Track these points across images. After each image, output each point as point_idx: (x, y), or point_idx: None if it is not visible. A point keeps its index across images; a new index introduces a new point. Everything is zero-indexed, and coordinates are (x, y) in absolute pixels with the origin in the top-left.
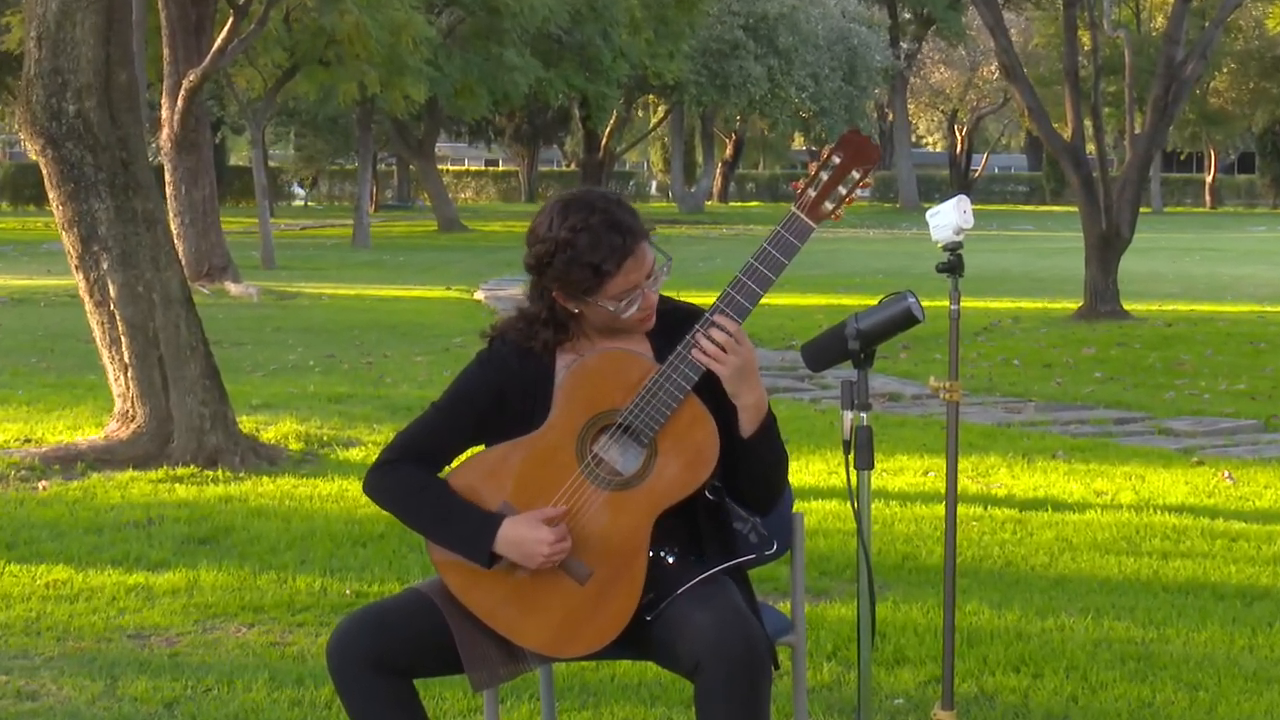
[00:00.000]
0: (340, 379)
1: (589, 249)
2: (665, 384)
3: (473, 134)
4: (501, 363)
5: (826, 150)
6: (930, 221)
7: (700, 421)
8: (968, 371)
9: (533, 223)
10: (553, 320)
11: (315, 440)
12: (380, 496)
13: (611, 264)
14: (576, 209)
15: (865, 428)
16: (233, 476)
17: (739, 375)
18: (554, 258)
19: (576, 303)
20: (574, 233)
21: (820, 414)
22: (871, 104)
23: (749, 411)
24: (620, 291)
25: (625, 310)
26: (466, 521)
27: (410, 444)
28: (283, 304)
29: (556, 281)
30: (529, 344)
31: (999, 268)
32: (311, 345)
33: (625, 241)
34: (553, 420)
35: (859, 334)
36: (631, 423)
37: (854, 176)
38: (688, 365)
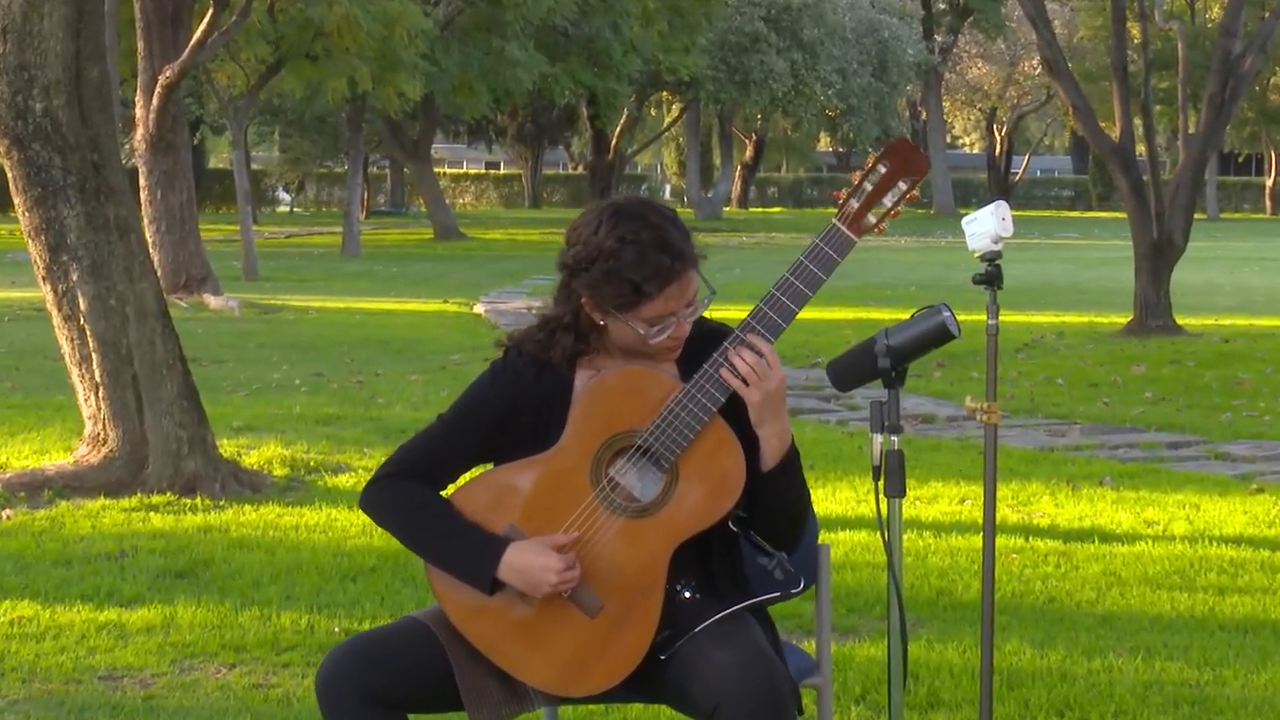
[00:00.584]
0: (328, 399)
1: (633, 265)
2: (689, 405)
3: (472, 134)
4: (516, 376)
5: (872, 158)
6: (966, 229)
7: (726, 447)
8: (1007, 391)
9: (577, 221)
10: (575, 327)
11: (301, 466)
12: (377, 513)
13: (653, 286)
14: (629, 218)
15: (896, 452)
16: (212, 505)
17: (766, 401)
18: (593, 264)
19: (605, 315)
20: (621, 243)
21: (848, 437)
22: (903, 101)
23: (771, 442)
24: (655, 316)
25: (655, 336)
26: (469, 543)
27: (412, 458)
28: (266, 318)
29: (589, 289)
30: (546, 355)
31: (1041, 279)
32: (297, 363)
33: (673, 265)
34: (567, 440)
35: (890, 351)
36: (651, 445)
37: (901, 188)
38: (714, 385)
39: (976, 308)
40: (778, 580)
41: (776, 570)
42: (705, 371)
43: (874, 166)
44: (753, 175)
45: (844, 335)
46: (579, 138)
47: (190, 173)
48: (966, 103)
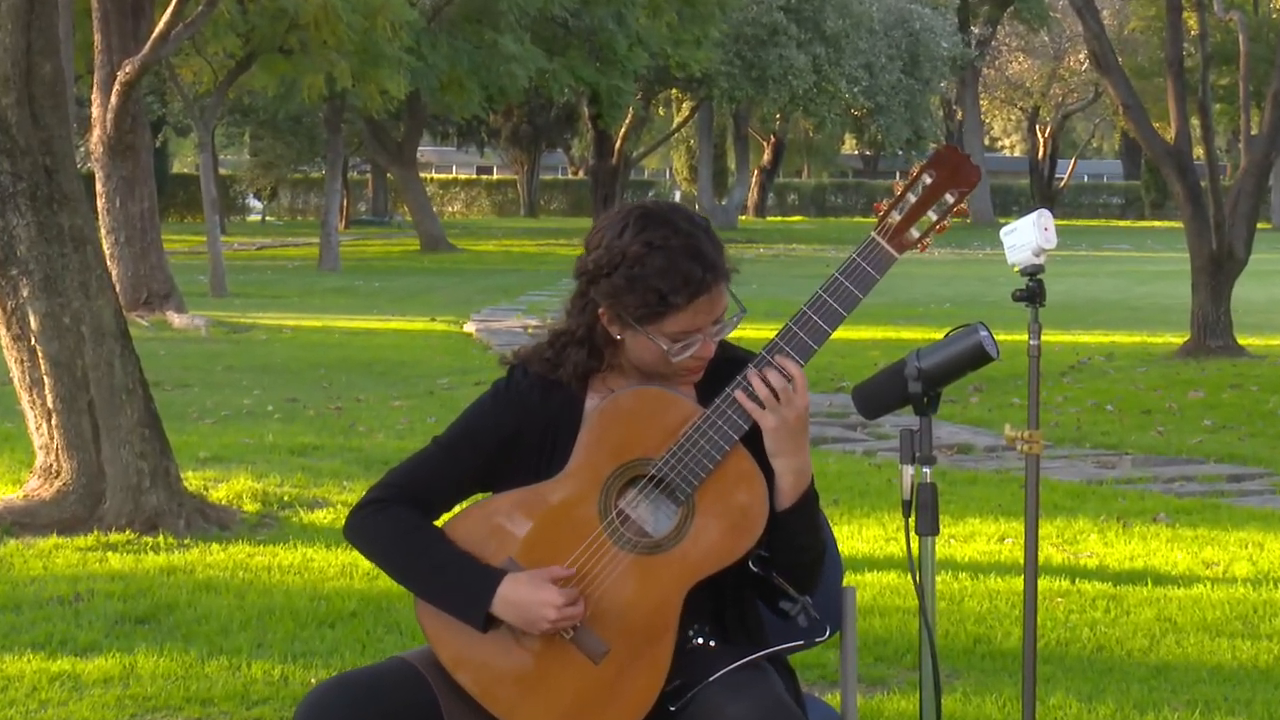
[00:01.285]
0: (304, 427)
1: (660, 273)
2: (709, 432)
3: (462, 136)
4: (520, 396)
5: (917, 167)
6: (1005, 241)
7: (748, 479)
8: (1051, 419)
9: (598, 224)
10: (589, 341)
11: (274, 500)
12: (362, 541)
13: (682, 296)
14: (657, 224)
15: (929, 485)
16: (176, 543)
17: (783, 430)
18: (615, 270)
19: (624, 328)
20: (648, 248)
21: (876, 469)
22: (937, 100)
23: (786, 478)
24: (680, 331)
25: (678, 354)
26: (461, 575)
27: (404, 482)
28: (235, 338)
29: (609, 299)
30: (554, 373)
31: (1088, 295)
32: (270, 387)
33: (705, 277)
34: (574, 467)
35: (921, 374)
36: (666, 475)
37: (947, 200)
38: (737, 411)
39: (1017, 327)
40: (801, 627)
41: (800, 616)
42: (728, 395)
43: (919, 176)
44: (771, 181)
45: (871, 357)
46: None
47: (152, 178)
48: (1006, 101)
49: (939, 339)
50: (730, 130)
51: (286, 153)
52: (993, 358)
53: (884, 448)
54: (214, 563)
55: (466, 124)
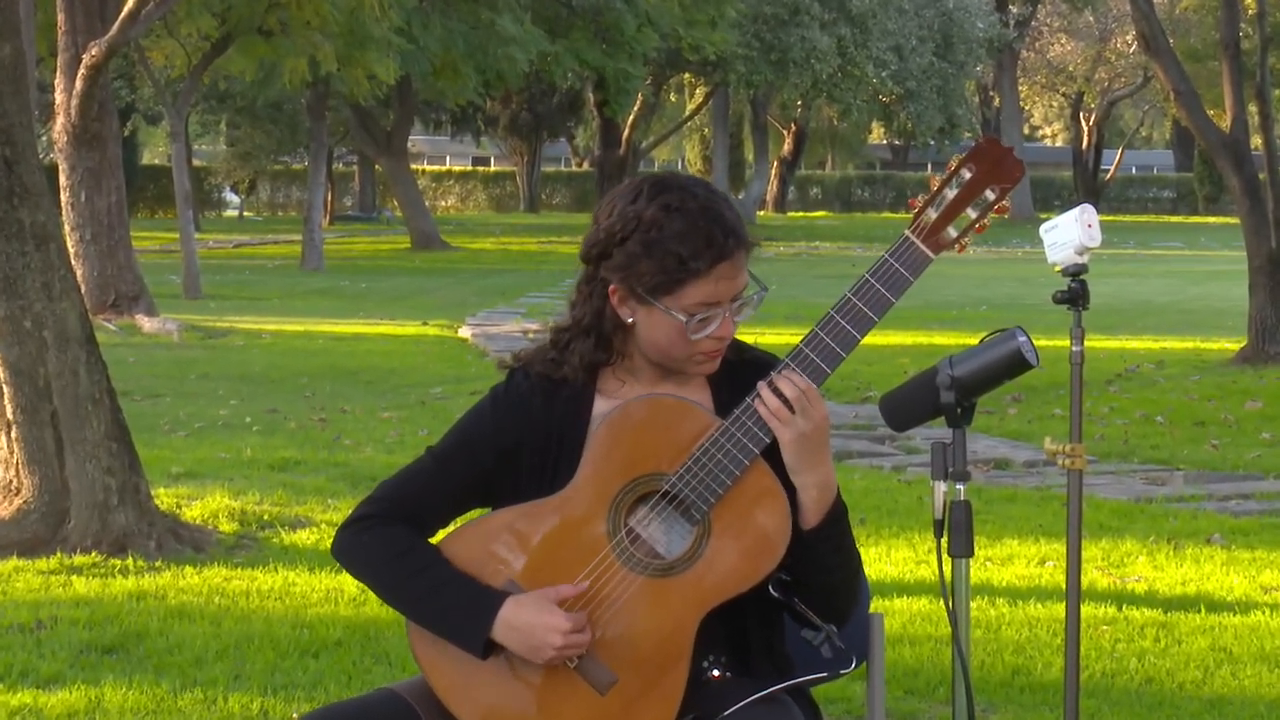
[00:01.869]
0: (285, 441)
1: (679, 236)
2: (727, 445)
3: (456, 125)
4: (521, 402)
5: (955, 160)
6: (1045, 238)
7: (769, 497)
8: (1096, 431)
9: (607, 198)
10: (596, 329)
11: (253, 520)
12: (351, 560)
13: (704, 261)
14: (674, 189)
15: (963, 504)
16: (147, 566)
17: (801, 443)
18: (630, 237)
19: (638, 305)
20: (666, 211)
21: (905, 486)
22: (972, 85)
23: (810, 493)
24: (699, 303)
25: (697, 330)
26: (459, 597)
27: (396, 497)
28: (211, 344)
29: (622, 271)
30: (559, 373)
31: (1137, 297)
32: (248, 397)
33: (727, 240)
34: (580, 481)
35: (955, 383)
36: (680, 492)
37: (987, 197)
38: (757, 423)
39: (1059, 332)
40: (824, 658)
41: (824, 646)
42: (748, 406)
43: (957, 170)
44: (791, 173)
45: (900, 364)
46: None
47: (120, 170)
48: (1048, 86)
49: (974, 345)
50: (748, 118)
51: (266, 143)
52: (1032, 365)
53: (914, 463)
54: (187, 587)
55: (461, 111)
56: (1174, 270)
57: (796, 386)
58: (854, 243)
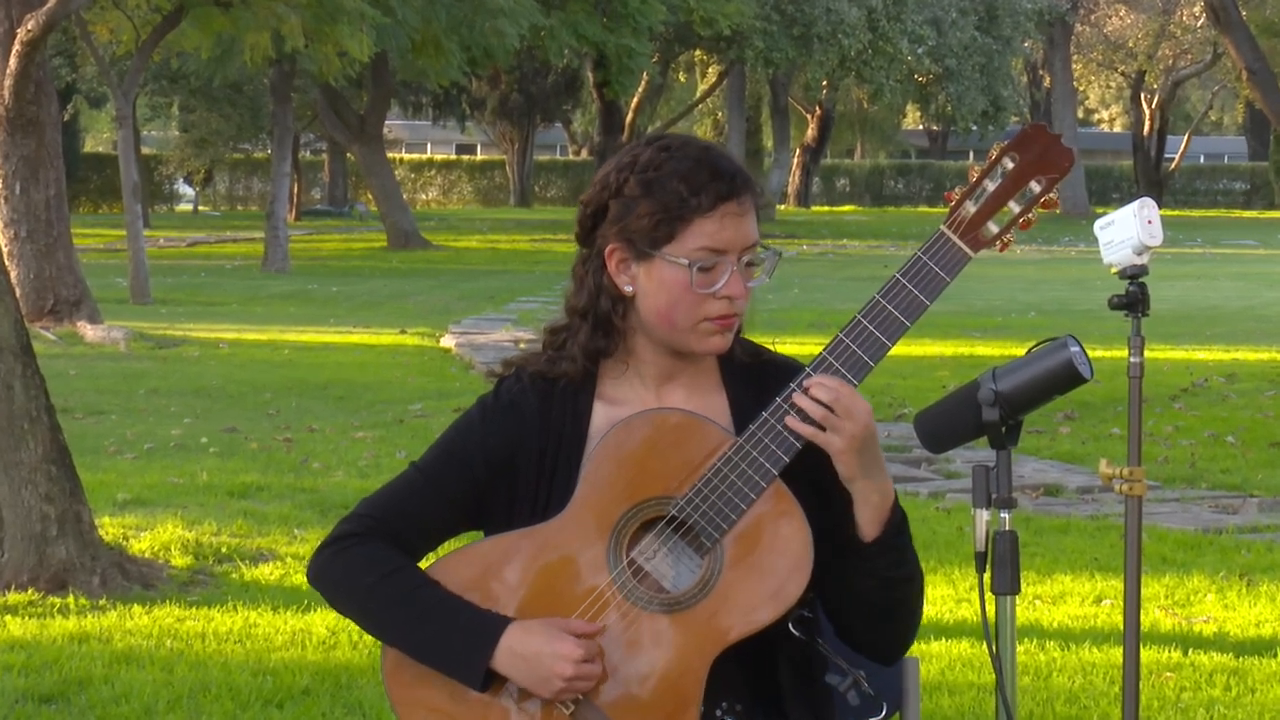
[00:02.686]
0: (246, 463)
1: (679, 174)
2: (742, 464)
3: (439, 108)
4: (513, 409)
5: (997, 149)
6: (1100, 236)
7: (788, 521)
8: (1158, 453)
9: (602, 166)
10: (594, 311)
11: (210, 553)
12: (330, 584)
13: (706, 196)
14: (672, 141)
15: (1009, 534)
16: (90, 605)
17: (856, 450)
18: (627, 182)
19: (637, 268)
20: (665, 151)
21: (943, 515)
22: (1019, 62)
23: (871, 500)
24: (704, 247)
25: (703, 283)
26: (457, 621)
27: (379, 514)
28: (162, 354)
29: (618, 224)
30: (555, 372)
31: (1205, 302)
32: (204, 415)
33: (734, 180)
34: (577, 505)
35: (999, 398)
36: (689, 517)
37: (1033, 190)
38: (776, 439)
39: (1116, 341)
40: (851, 705)
41: (851, 692)
42: (765, 421)
43: (998, 159)
44: (816, 163)
45: (938, 378)
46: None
47: (60, 159)
48: (1105, 65)
49: (1020, 355)
50: (766, 101)
51: (224, 128)
52: (1085, 379)
53: (954, 488)
54: (136, 629)
55: (444, 93)
56: (1247, 272)
57: (831, 389)
58: (886, 241)
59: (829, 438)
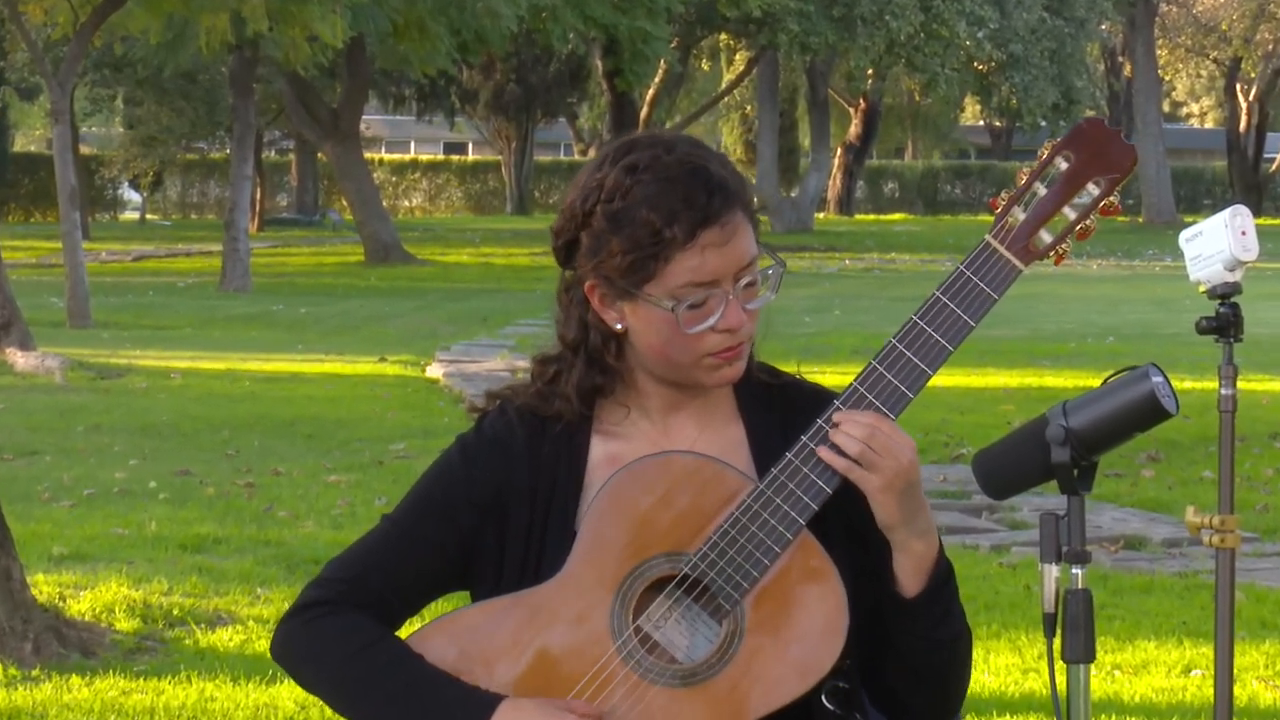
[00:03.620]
0: (201, 512)
1: (648, 201)
2: (764, 513)
3: (424, 102)
4: (499, 442)
5: (1048, 147)
6: (1187, 249)
7: (818, 578)
8: (1255, 500)
9: (573, 182)
10: (584, 345)
11: (159, 616)
12: (298, 659)
13: (680, 227)
14: (642, 146)
15: (1082, 593)
16: (21, 675)
17: (896, 491)
18: (593, 213)
19: (621, 305)
20: (631, 173)
21: (1008, 571)
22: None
23: (913, 549)
24: (687, 282)
25: (692, 322)
26: (443, 699)
27: (351, 577)
28: (104, 386)
29: (591, 259)
30: (548, 408)
31: None
32: (153, 455)
33: (711, 201)
34: (576, 565)
35: (1071, 436)
36: (704, 576)
37: (1091, 193)
38: (803, 483)
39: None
40: None
41: None
42: (789, 462)
43: (1050, 159)
44: (860, 164)
45: (1002, 412)
46: (590, 106)
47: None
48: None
49: (1096, 387)
50: (803, 93)
51: (176, 124)
52: (1170, 413)
53: (1019, 541)
54: (75, 702)
55: (430, 84)
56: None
57: (867, 423)
58: (940, 254)
59: (865, 476)
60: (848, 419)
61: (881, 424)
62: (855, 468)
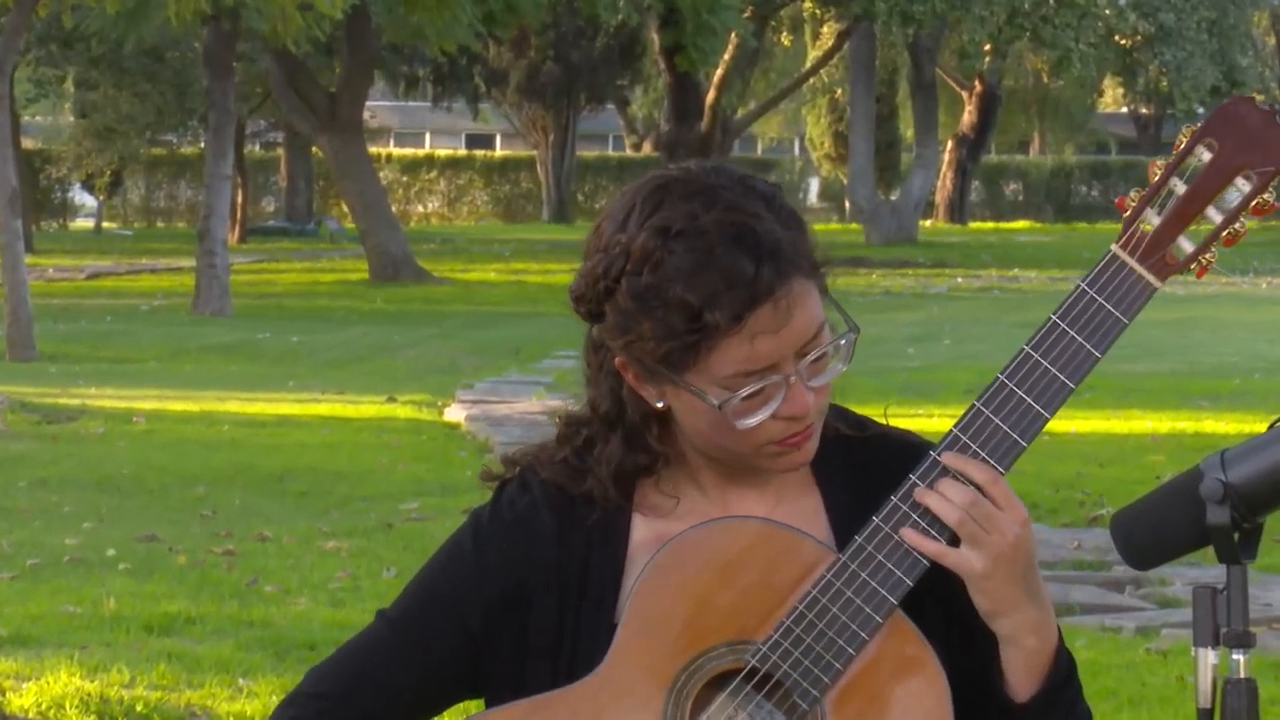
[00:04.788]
0: (170, 586)
1: (683, 276)
2: (848, 591)
3: (441, 84)
4: (521, 525)
5: (1186, 134)
6: None
7: (915, 671)
8: None
9: (603, 212)
10: (620, 420)
11: (120, 713)
12: None
13: (722, 312)
14: (681, 196)
15: (1245, 684)
16: None
17: (1004, 574)
18: (617, 285)
19: (659, 386)
20: (663, 239)
21: (1156, 658)
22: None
23: (1025, 649)
24: (738, 373)
25: (744, 414)
26: None
27: (340, 691)
28: (52, 431)
29: (621, 338)
30: (578, 485)
31: None
32: (112, 516)
33: (760, 275)
34: (620, 656)
35: (1230, 493)
36: (775, 669)
37: (1241, 189)
38: (894, 554)
39: None
40: None
41: None
42: (876, 529)
43: (1189, 149)
44: (975, 160)
45: (1148, 464)
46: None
47: None
48: None
49: (1261, 433)
50: (905, 74)
51: (138, 112)
52: None
53: (1170, 621)
54: None
55: (449, 63)
56: None
57: (973, 481)
58: (1073, 270)
59: (964, 556)
60: (952, 484)
61: (994, 485)
62: (949, 551)
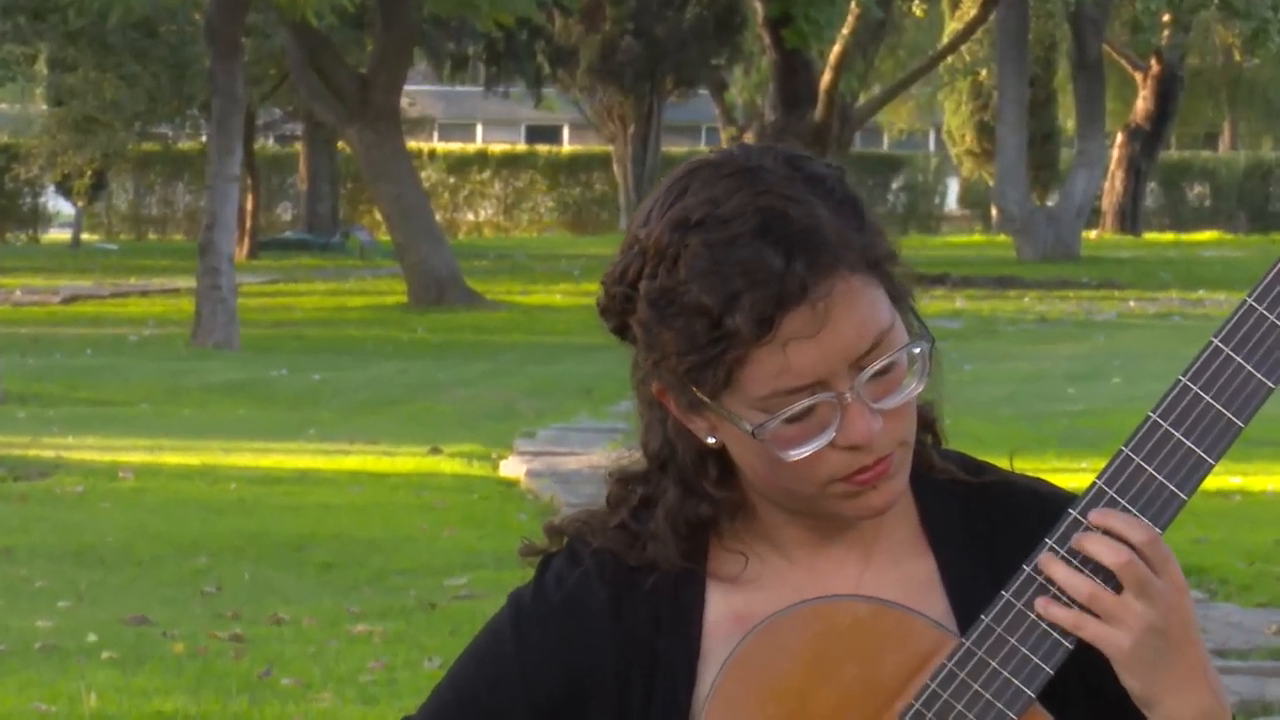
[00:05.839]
0: (164, 678)
1: (699, 274)
2: (974, 683)
3: (495, 64)
4: (570, 612)
5: None
6: None
7: None
8: None
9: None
10: (674, 464)
11: None
12: None
13: (744, 315)
14: (710, 177)
15: None
16: None
17: (1155, 648)
18: (635, 291)
19: (706, 417)
20: (679, 232)
21: None
22: None
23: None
24: (774, 389)
25: (788, 446)
26: None
27: None
28: (19, 490)
29: (651, 355)
30: (638, 554)
31: None
32: (93, 594)
33: (790, 269)
34: None
35: None
36: None
37: None
38: (1028, 637)
39: None
40: None
41: None
42: (1006, 605)
43: None
44: (1151, 158)
45: None
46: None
47: None
48: None
49: None
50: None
51: (126, 100)
52: None
53: None
54: None
55: (506, 40)
56: None
57: (1123, 540)
58: None
59: (1109, 633)
60: (1099, 541)
61: (1152, 545)
62: (1091, 622)
